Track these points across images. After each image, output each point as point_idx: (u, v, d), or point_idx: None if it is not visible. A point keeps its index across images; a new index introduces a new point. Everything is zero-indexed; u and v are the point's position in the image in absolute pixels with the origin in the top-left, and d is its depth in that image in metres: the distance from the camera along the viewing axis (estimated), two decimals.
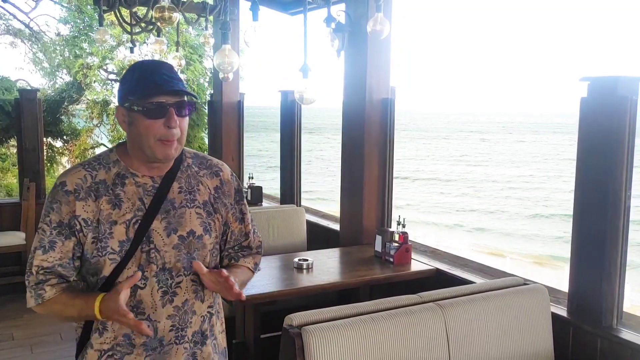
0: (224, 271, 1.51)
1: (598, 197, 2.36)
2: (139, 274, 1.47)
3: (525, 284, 2.54)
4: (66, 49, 14.63)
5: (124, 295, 1.41)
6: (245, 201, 1.73)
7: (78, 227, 1.47)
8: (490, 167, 34.38)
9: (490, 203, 25.10)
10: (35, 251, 1.48)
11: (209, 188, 1.62)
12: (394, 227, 3.51)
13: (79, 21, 14.15)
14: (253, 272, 1.78)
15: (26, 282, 1.51)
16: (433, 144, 45.21)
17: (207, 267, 1.58)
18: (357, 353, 1.99)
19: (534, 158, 38.23)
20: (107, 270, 1.49)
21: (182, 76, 13.55)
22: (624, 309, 2.46)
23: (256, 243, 1.77)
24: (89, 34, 13.88)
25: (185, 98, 1.49)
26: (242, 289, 1.67)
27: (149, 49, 12.32)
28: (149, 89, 1.44)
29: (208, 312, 1.64)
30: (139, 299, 1.51)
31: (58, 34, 14.89)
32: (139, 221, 1.50)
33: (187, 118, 1.51)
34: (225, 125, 6.12)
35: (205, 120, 10.81)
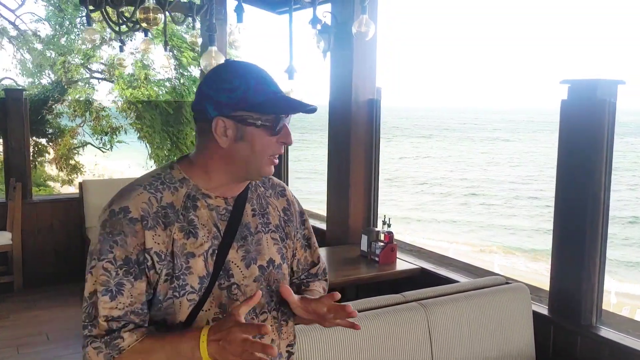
0: (347, 306, 1.28)
1: (578, 197, 2.41)
2: (259, 293, 1.22)
3: (507, 283, 2.59)
4: (47, 48, 14.53)
5: (262, 327, 1.11)
6: (308, 223, 1.54)
7: (150, 262, 1.20)
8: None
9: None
10: (99, 297, 1.18)
11: (278, 210, 1.43)
12: (379, 227, 3.54)
13: (60, 20, 14.06)
14: None
15: (87, 337, 1.20)
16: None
17: (280, 300, 1.38)
18: (340, 352, 2.02)
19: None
20: (183, 314, 1.24)
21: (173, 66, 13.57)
22: (611, 305, 2.51)
23: (322, 269, 1.57)
24: (70, 32, 13.81)
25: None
26: None
27: (136, 45, 12.30)
28: (282, 104, 1.25)
29: (287, 351, 1.42)
30: None
31: (35, 33, 14.76)
32: (216, 251, 1.27)
33: None
34: None
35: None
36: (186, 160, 1.34)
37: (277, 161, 1.30)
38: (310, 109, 1.26)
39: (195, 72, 13.61)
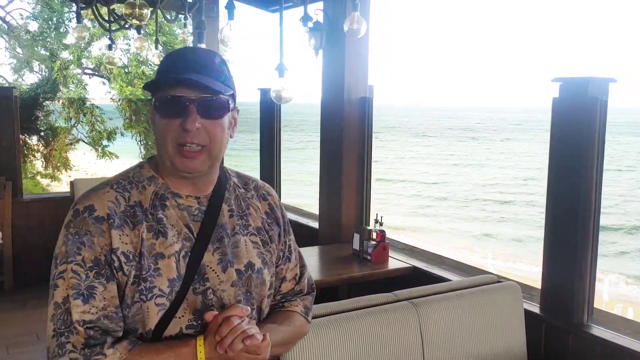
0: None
1: (570, 195, 2.40)
2: (248, 309, 1.19)
3: (499, 282, 2.58)
4: (36, 45, 14.45)
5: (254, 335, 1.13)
6: (292, 235, 1.44)
7: (117, 264, 1.14)
8: None
9: None
10: (70, 302, 1.12)
11: (260, 212, 1.35)
12: (372, 225, 3.53)
13: (47, 17, 13.98)
14: (305, 319, 1.44)
15: (63, 346, 1.12)
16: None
17: (263, 309, 1.33)
18: (332, 352, 2.00)
19: None
20: (153, 321, 1.16)
21: None
22: (602, 303, 2.50)
23: (308, 286, 1.48)
24: (60, 30, 13.73)
25: (222, 95, 1.19)
26: (285, 351, 1.42)
27: (127, 44, 12.25)
28: (164, 79, 1.17)
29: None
30: None
31: (27, 31, 14.68)
32: (189, 254, 1.20)
33: (219, 121, 1.19)
34: None
35: None
36: (155, 159, 1.27)
37: (190, 152, 1.17)
38: (186, 80, 1.14)
39: None
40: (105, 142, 14.03)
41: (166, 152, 1.18)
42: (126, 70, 13.41)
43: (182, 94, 1.14)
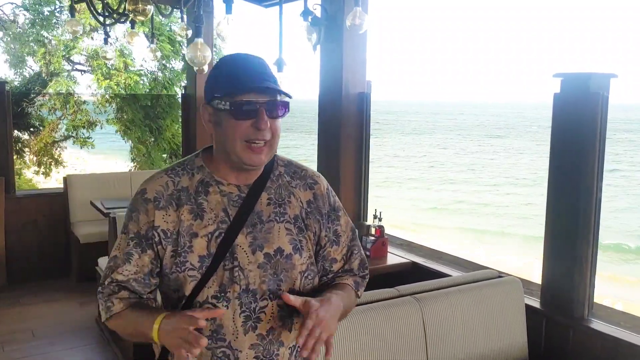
0: (312, 302, 1.29)
1: (570, 190, 2.41)
2: (222, 311, 1.32)
3: (500, 277, 2.59)
4: (26, 39, 14.25)
5: (199, 320, 1.22)
6: (342, 220, 1.52)
7: (157, 239, 1.34)
8: None
9: None
10: (111, 262, 1.38)
11: (301, 201, 1.44)
12: (370, 221, 3.53)
13: (39, 8, 13.79)
14: (355, 293, 1.54)
15: (98, 292, 1.40)
16: None
17: (297, 292, 1.39)
18: (335, 347, 2.00)
19: None
20: (187, 289, 1.34)
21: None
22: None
23: (358, 267, 1.55)
24: (51, 22, 13.55)
25: (279, 97, 1.33)
26: (343, 317, 1.45)
27: (123, 41, 12.15)
28: (237, 86, 1.30)
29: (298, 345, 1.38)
30: (219, 323, 1.34)
31: (14, 21, 14.45)
32: (222, 235, 1.35)
33: (279, 120, 1.35)
34: (200, 120, 6.05)
35: (179, 113, 10.73)
36: (209, 149, 1.43)
37: (259, 149, 1.31)
38: (260, 87, 1.29)
39: (176, 64, 13.41)
40: (84, 132, 13.75)
41: (233, 149, 1.31)
42: (108, 64, 13.13)
43: (254, 99, 1.29)
